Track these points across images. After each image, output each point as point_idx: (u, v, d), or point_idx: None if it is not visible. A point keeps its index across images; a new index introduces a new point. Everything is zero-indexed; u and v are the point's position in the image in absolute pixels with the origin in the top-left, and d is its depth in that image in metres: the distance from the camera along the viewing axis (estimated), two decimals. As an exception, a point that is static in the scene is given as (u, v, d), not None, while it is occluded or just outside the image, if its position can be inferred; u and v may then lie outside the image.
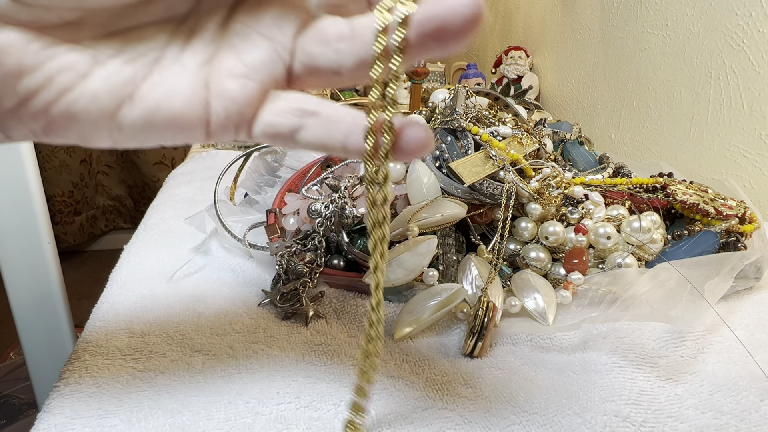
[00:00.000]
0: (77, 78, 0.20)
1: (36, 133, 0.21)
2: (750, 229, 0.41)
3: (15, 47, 0.19)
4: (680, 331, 0.34)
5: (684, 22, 0.67)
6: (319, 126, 0.22)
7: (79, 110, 0.20)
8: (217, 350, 0.31)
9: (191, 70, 0.22)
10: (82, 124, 0.21)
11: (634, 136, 0.78)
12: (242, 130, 0.23)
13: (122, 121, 0.21)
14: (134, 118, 0.21)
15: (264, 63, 0.22)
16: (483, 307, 0.33)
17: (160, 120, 0.21)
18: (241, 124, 0.22)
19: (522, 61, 1.00)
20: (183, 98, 0.21)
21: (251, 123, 0.23)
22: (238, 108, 0.22)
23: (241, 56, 0.22)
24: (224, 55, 0.22)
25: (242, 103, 0.22)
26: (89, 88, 0.20)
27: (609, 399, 0.28)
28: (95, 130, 0.21)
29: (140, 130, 0.21)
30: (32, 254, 0.58)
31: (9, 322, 0.62)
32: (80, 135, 0.21)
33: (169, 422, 0.25)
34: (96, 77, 0.20)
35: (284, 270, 0.38)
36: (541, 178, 0.42)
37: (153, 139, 0.22)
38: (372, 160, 0.21)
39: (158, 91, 0.21)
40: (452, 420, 0.27)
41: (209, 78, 0.22)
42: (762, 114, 0.57)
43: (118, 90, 0.21)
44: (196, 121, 0.22)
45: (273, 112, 0.22)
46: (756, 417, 0.27)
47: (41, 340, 0.61)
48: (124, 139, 0.22)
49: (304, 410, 0.27)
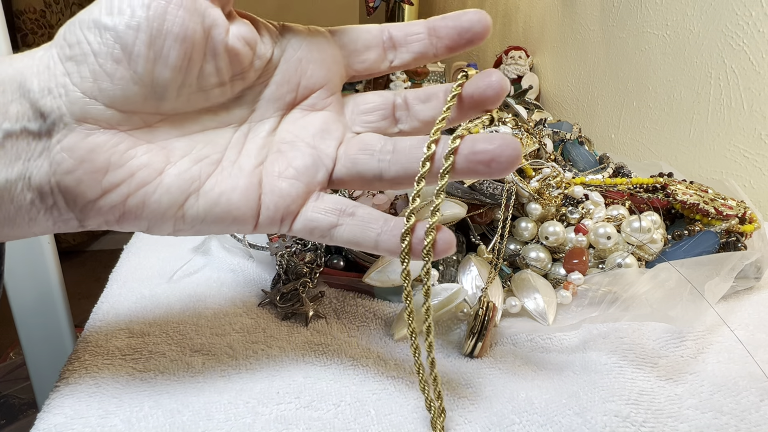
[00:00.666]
0: (154, 174, 0.23)
1: (110, 222, 0.23)
2: (750, 229, 0.41)
3: (105, 147, 0.22)
4: (680, 331, 0.34)
5: (684, 22, 0.67)
6: (355, 225, 0.25)
7: (153, 202, 0.23)
8: (216, 350, 0.31)
9: (247, 171, 0.25)
10: (153, 214, 0.23)
11: (634, 136, 0.78)
12: (286, 223, 0.25)
13: (187, 212, 0.24)
14: (198, 210, 0.24)
15: (309, 168, 0.26)
16: (483, 307, 0.33)
17: (219, 212, 0.24)
18: (286, 218, 0.25)
19: (522, 61, 1.00)
20: (240, 194, 0.24)
21: (294, 218, 0.25)
22: (286, 204, 0.25)
23: (291, 162, 0.25)
24: (275, 158, 0.26)
25: (290, 200, 0.25)
26: (163, 183, 0.23)
27: (609, 399, 0.28)
28: (163, 220, 0.23)
29: (201, 221, 0.24)
30: (32, 254, 0.58)
31: (9, 322, 0.62)
32: (149, 224, 0.24)
33: (169, 422, 0.25)
34: (169, 173, 0.23)
35: (284, 270, 0.38)
36: (541, 178, 0.42)
37: (209, 229, 0.25)
38: (407, 260, 0.24)
39: (220, 188, 0.24)
40: (452, 420, 0.27)
41: (262, 178, 0.25)
42: (762, 114, 0.57)
43: (186, 185, 0.23)
44: (249, 213, 0.25)
45: (315, 210, 0.25)
46: (756, 417, 0.27)
47: (41, 340, 0.61)
48: (185, 228, 0.24)
49: (304, 410, 0.27)
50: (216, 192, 0.24)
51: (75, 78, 0.21)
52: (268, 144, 0.26)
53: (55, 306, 0.60)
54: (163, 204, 0.23)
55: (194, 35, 0.22)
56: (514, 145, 0.23)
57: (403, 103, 0.27)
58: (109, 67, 0.21)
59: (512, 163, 0.23)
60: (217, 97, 0.24)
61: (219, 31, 0.23)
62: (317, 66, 0.26)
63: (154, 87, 0.22)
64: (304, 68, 0.26)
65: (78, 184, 0.22)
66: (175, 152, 0.24)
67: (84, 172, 0.22)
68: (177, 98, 0.23)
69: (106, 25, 0.21)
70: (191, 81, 0.23)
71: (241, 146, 0.25)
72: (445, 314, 0.35)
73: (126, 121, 0.22)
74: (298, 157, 0.26)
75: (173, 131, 0.24)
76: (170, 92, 0.23)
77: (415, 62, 0.27)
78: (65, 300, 0.61)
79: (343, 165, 0.26)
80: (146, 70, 0.22)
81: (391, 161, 0.25)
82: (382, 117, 0.27)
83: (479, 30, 0.25)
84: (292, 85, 0.26)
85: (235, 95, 0.25)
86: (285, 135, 0.26)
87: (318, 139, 0.26)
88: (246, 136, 0.26)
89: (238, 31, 0.24)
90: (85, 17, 0.21)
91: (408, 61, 0.27)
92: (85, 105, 0.21)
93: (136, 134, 0.23)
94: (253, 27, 0.25)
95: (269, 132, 0.26)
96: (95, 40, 0.21)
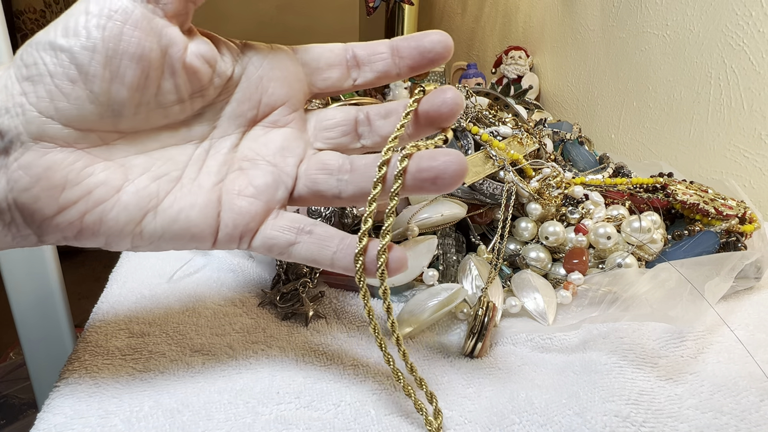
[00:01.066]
0: (111, 191, 0.23)
1: (68, 238, 0.23)
2: (750, 229, 0.41)
3: (62, 165, 0.22)
4: (680, 331, 0.33)
5: (684, 22, 0.67)
6: (312, 243, 0.26)
7: (110, 219, 0.23)
8: (216, 350, 0.31)
9: (207, 188, 0.25)
10: (110, 231, 0.23)
11: (634, 136, 0.78)
12: (245, 240, 0.26)
13: (144, 229, 0.24)
14: (155, 227, 0.24)
15: (269, 186, 0.26)
16: (483, 307, 0.33)
17: (177, 229, 0.24)
18: (245, 236, 0.26)
19: (522, 61, 1.00)
20: (199, 211, 0.25)
21: (254, 235, 0.26)
22: (245, 221, 0.25)
23: (251, 180, 0.26)
24: (236, 176, 0.26)
25: (249, 218, 0.25)
26: (121, 201, 0.23)
27: (609, 399, 0.28)
28: (120, 237, 0.24)
29: (159, 237, 0.24)
30: (32, 254, 0.58)
31: (9, 322, 0.62)
32: (107, 240, 0.24)
33: (169, 422, 0.25)
34: (127, 191, 0.23)
35: (284, 270, 0.38)
36: (541, 178, 0.42)
37: (167, 245, 0.25)
38: (362, 279, 0.25)
39: (178, 205, 0.24)
40: (452, 420, 0.27)
41: (222, 195, 0.25)
42: (762, 114, 0.57)
43: (144, 202, 0.24)
44: (208, 231, 0.25)
45: (273, 228, 0.26)
46: (756, 417, 0.27)
47: (41, 340, 0.61)
48: (143, 244, 0.24)
49: (304, 410, 0.27)
50: (174, 209, 0.24)
51: (32, 98, 0.21)
52: (229, 161, 0.26)
53: (55, 306, 0.60)
54: (120, 221, 0.23)
55: (151, 54, 0.22)
56: (458, 160, 0.23)
57: (365, 118, 0.27)
58: (65, 87, 0.21)
59: (457, 178, 0.24)
60: (176, 114, 0.24)
61: (176, 49, 0.23)
62: (278, 83, 0.26)
63: (111, 105, 0.22)
64: (265, 85, 0.26)
65: (35, 201, 0.22)
66: (134, 169, 0.24)
67: (41, 189, 0.22)
68: (135, 116, 0.23)
69: (61, 46, 0.21)
70: (149, 99, 0.23)
71: (201, 163, 0.26)
72: (445, 314, 0.35)
73: (83, 139, 0.23)
74: (258, 175, 0.26)
75: (132, 148, 0.24)
76: (128, 110, 0.23)
77: (378, 81, 0.27)
78: (65, 300, 0.61)
79: (304, 184, 0.27)
80: (102, 90, 0.22)
81: (348, 181, 0.26)
82: (344, 133, 0.28)
83: (440, 51, 0.25)
84: (253, 102, 0.26)
85: (195, 112, 0.25)
86: (246, 152, 0.26)
87: (279, 157, 0.26)
88: (207, 153, 0.26)
89: (197, 48, 0.24)
90: (41, 39, 0.21)
91: (371, 79, 0.27)
92: (41, 124, 0.21)
93: (93, 152, 0.23)
94: (213, 45, 0.25)
95: (230, 148, 0.26)
96: (51, 61, 0.21)
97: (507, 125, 0.45)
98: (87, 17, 0.21)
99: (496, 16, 1.24)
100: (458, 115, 0.25)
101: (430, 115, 0.25)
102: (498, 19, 1.24)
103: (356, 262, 0.25)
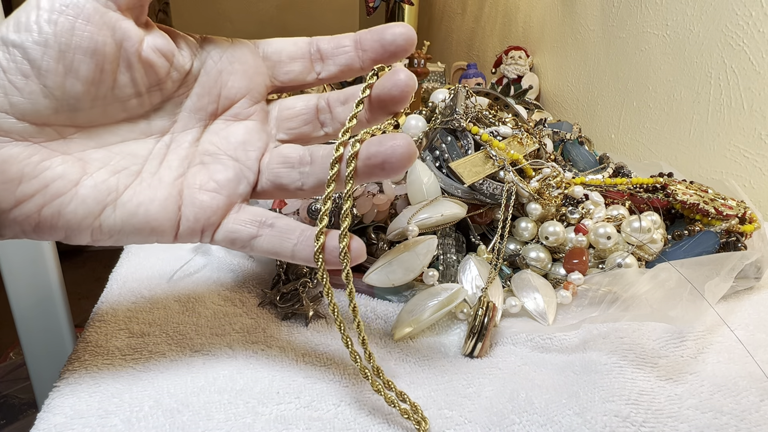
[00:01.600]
0: (69, 185, 0.23)
1: (26, 231, 0.23)
2: (750, 229, 0.41)
3: (19, 159, 0.22)
4: (680, 331, 0.33)
5: (684, 22, 0.67)
6: (273, 236, 0.26)
7: (68, 212, 0.23)
8: (217, 350, 0.31)
9: (167, 182, 0.25)
10: (68, 224, 0.23)
11: (634, 136, 0.78)
12: (207, 234, 0.26)
13: (104, 223, 0.24)
14: (115, 221, 0.24)
15: (231, 181, 0.26)
16: (483, 307, 0.33)
17: (137, 223, 0.24)
18: (207, 230, 0.26)
19: (522, 61, 1.00)
20: (159, 205, 0.25)
21: (216, 229, 0.26)
22: (207, 216, 0.25)
23: (213, 175, 0.26)
24: (197, 170, 0.26)
25: (211, 212, 0.25)
26: (78, 194, 0.23)
27: (609, 399, 0.28)
28: (79, 230, 0.24)
29: (119, 231, 0.24)
30: (32, 254, 0.58)
31: (9, 322, 0.62)
32: (65, 233, 0.24)
33: (169, 422, 0.25)
34: (85, 185, 0.23)
35: (284, 270, 0.38)
36: (541, 178, 0.42)
37: (128, 239, 0.25)
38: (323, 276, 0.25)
39: (138, 199, 0.24)
40: (452, 420, 0.27)
41: (183, 190, 0.25)
42: (762, 114, 0.57)
43: (103, 196, 0.24)
44: (168, 225, 0.25)
45: (235, 221, 0.26)
46: (756, 417, 0.27)
47: (41, 340, 0.61)
48: (103, 238, 0.24)
49: (304, 410, 0.27)
50: (134, 203, 0.24)
51: None
52: (190, 155, 0.26)
53: (55, 306, 0.60)
54: (78, 214, 0.23)
55: (105, 48, 0.22)
56: (405, 143, 0.23)
57: (326, 105, 0.27)
58: (18, 82, 0.21)
59: (405, 162, 0.23)
60: (134, 108, 0.25)
61: (131, 42, 0.23)
62: (238, 77, 0.26)
63: (67, 100, 0.22)
64: (224, 79, 0.26)
65: None
66: (93, 163, 0.24)
67: None
68: (92, 110, 0.23)
69: (13, 41, 0.21)
70: (105, 93, 0.23)
71: (162, 157, 0.26)
72: (445, 314, 0.35)
73: (39, 133, 0.23)
74: (220, 170, 0.26)
75: (90, 142, 0.24)
76: (84, 104, 0.23)
77: (342, 74, 0.27)
78: (65, 300, 0.61)
79: (267, 179, 0.27)
80: (57, 84, 0.22)
81: (308, 173, 0.26)
82: (305, 122, 0.28)
83: (401, 44, 0.25)
84: (212, 96, 0.26)
85: (154, 106, 0.25)
86: (208, 146, 0.26)
87: (240, 151, 0.26)
88: (168, 147, 0.26)
89: (153, 42, 0.24)
90: None
91: (335, 73, 0.27)
92: None
93: (51, 146, 0.23)
94: (170, 39, 0.25)
95: (192, 143, 0.26)
96: (3, 57, 0.21)
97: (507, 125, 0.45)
98: (38, 12, 0.21)
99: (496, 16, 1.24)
100: (410, 98, 0.25)
101: (382, 98, 0.25)
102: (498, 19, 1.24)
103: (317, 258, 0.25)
